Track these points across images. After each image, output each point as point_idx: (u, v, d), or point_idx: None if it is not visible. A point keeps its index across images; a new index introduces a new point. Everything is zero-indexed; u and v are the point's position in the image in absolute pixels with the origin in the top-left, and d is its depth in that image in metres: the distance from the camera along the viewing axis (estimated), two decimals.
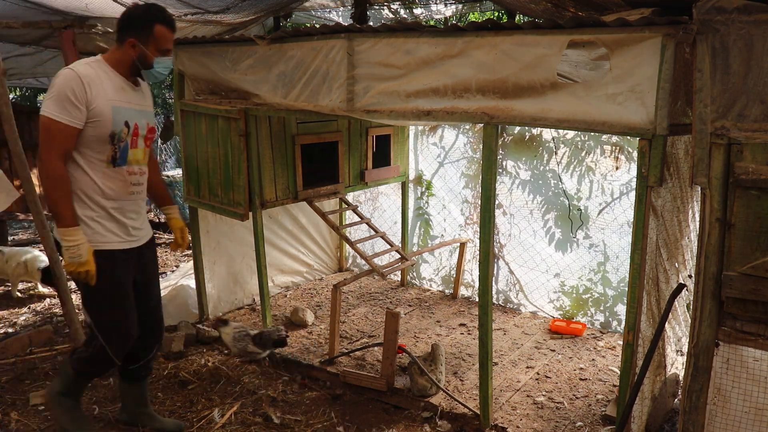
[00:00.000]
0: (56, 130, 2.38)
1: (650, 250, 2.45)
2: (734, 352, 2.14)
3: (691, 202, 3.01)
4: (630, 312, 2.44)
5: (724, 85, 2.01)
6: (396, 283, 5.33)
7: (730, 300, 2.10)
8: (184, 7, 4.71)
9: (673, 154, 2.61)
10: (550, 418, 3.13)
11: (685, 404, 2.23)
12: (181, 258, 6.36)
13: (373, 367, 3.65)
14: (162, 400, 3.38)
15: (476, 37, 2.61)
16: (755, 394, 2.12)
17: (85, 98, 2.41)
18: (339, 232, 4.03)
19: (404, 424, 3.15)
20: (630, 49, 2.22)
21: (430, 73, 2.79)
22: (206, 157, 3.87)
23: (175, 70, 4.10)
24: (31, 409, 3.26)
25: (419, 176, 5.14)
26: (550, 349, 3.97)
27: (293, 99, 3.36)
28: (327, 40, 3.13)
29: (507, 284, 4.75)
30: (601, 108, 2.33)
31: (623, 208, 4.11)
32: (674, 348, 3.24)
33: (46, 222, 3.51)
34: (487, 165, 2.74)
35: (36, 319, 4.64)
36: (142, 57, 2.58)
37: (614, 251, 4.20)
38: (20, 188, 4.34)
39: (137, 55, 2.57)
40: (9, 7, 4.49)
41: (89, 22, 5.15)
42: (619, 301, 4.24)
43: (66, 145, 2.43)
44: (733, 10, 1.95)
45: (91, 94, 2.43)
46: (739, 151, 2.01)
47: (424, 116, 2.85)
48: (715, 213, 2.07)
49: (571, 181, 4.29)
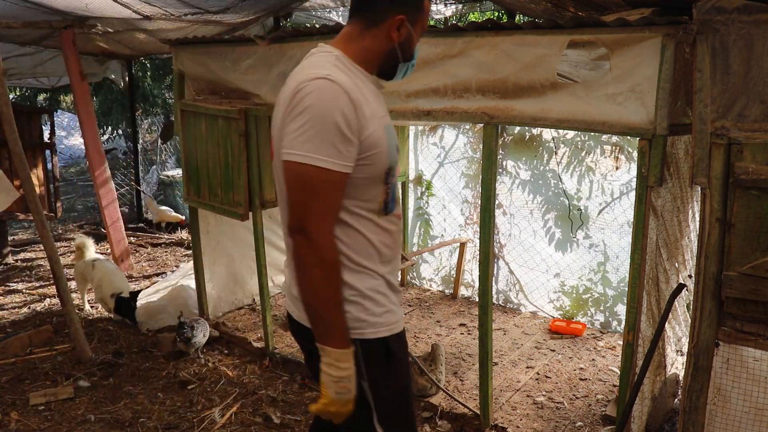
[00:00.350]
0: (325, 183, 1.46)
1: (650, 250, 2.45)
2: (734, 352, 2.13)
3: (691, 202, 3.01)
4: (630, 312, 2.44)
5: (724, 85, 2.01)
6: None
7: (730, 300, 2.10)
8: (184, 7, 4.71)
9: (673, 154, 2.61)
10: (550, 418, 3.13)
11: (685, 404, 2.23)
12: (181, 258, 6.36)
13: None
14: (162, 400, 3.38)
15: (476, 37, 2.61)
16: (755, 394, 2.12)
17: (357, 125, 1.49)
18: None
19: None
20: (630, 49, 2.22)
21: (430, 73, 2.79)
22: (206, 158, 3.87)
23: (175, 70, 4.10)
24: (31, 409, 3.26)
25: (419, 176, 5.14)
26: (550, 349, 3.97)
27: None
28: (327, 40, 3.13)
29: (507, 284, 4.75)
30: (601, 108, 2.33)
31: (623, 208, 4.11)
32: (674, 348, 3.24)
33: (46, 222, 3.51)
34: (487, 165, 2.74)
35: (36, 319, 4.64)
36: (407, 43, 1.68)
37: (614, 251, 4.20)
38: (20, 188, 4.35)
39: (402, 40, 1.65)
40: (9, 7, 4.48)
41: (89, 22, 5.15)
42: (619, 301, 4.24)
43: (339, 203, 1.53)
44: (733, 10, 1.95)
45: (363, 116, 1.51)
46: (739, 151, 2.01)
47: (424, 116, 2.85)
48: (715, 213, 2.07)
49: (571, 181, 4.29)
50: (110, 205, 5.76)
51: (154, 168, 9.30)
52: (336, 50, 1.62)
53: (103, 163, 5.68)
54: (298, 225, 1.47)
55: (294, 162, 1.45)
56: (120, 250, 5.83)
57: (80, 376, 3.62)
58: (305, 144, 1.43)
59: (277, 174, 1.62)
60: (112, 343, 4.13)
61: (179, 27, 5.38)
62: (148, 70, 9.24)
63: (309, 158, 1.43)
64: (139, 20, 5.09)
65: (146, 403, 3.34)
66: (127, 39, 5.87)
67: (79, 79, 5.39)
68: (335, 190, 1.48)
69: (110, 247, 5.84)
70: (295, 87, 1.49)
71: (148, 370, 3.73)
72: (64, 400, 3.35)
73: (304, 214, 1.46)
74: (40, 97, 10.81)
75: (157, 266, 6.08)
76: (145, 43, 6.07)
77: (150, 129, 9.73)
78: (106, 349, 4.02)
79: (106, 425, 3.11)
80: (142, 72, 9.00)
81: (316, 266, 1.46)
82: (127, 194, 8.65)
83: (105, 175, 5.70)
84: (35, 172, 6.07)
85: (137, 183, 8.00)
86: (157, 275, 5.71)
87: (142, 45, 6.17)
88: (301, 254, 1.47)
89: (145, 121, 9.43)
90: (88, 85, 5.63)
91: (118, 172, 8.98)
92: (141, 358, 3.91)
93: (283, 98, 1.55)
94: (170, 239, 7.01)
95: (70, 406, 3.31)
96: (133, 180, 8.19)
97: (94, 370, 3.70)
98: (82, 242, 4.91)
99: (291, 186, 1.48)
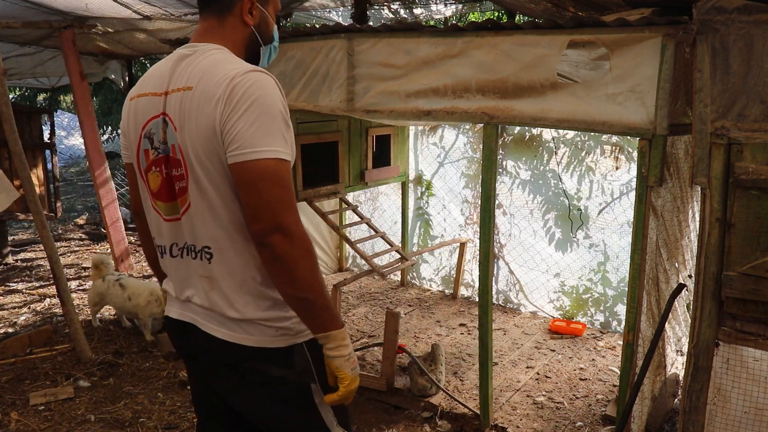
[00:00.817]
0: (288, 175, 1.43)
1: (650, 250, 2.45)
2: (734, 352, 2.13)
3: (691, 202, 3.01)
4: (630, 312, 2.43)
5: (724, 85, 2.01)
6: (396, 283, 5.33)
7: (730, 300, 2.10)
8: (184, 7, 4.71)
9: (673, 154, 2.61)
10: (550, 418, 3.13)
11: (685, 404, 2.23)
12: None
13: (373, 367, 3.65)
14: (162, 400, 3.38)
15: (476, 37, 2.61)
16: (755, 394, 2.12)
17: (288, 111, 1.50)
18: (339, 232, 4.03)
19: (404, 424, 3.15)
20: (630, 49, 2.22)
21: (430, 73, 2.79)
22: None
23: None
24: (31, 409, 3.26)
25: (419, 176, 5.14)
26: (550, 349, 3.97)
27: (293, 99, 3.36)
28: (327, 40, 3.13)
29: (507, 284, 4.75)
30: (601, 108, 2.33)
31: (623, 208, 4.11)
32: (674, 348, 3.24)
33: (46, 222, 3.51)
34: (487, 165, 2.74)
35: (36, 319, 4.65)
36: (264, 25, 1.64)
37: (614, 251, 4.20)
38: (20, 188, 4.35)
39: (258, 23, 1.61)
40: (9, 7, 4.48)
41: (89, 22, 5.15)
42: (619, 301, 4.24)
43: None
44: (733, 10, 1.95)
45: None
46: (739, 151, 2.01)
47: (424, 116, 2.85)
48: (715, 213, 2.07)
49: (571, 181, 4.29)
50: (110, 205, 5.76)
51: None
52: (222, 47, 1.53)
53: (103, 163, 5.68)
54: (272, 224, 1.37)
55: (256, 160, 1.36)
56: (120, 250, 5.83)
57: (80, 376, 3.62)
58: (263, 138, 1.37)
59: (200, 183, 1.44)
60: (112, 343, 4.13)
61: (179, 27, 5.38)
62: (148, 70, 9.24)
63: (270, 152, 1.37)
64: (139, 20, 5.10)
65: (146, 403, 3.34)
66: (127, 39, 5.88)
67: (79, 79, 5.40)
68: (291, 179, 1.43)
69: (110, 247, 5.84)
70: (227, 84, 1.38)
71: (148, 370, 3.73)
72: (64, 400, 3.35)
73: (279, 211, 1.37)
74: (40, 97, 10.81)
75: None
76: (145, 43, 6.07)
77: None
78: (106, 349, 4.02)
79: (106, 425, 3.11)
80: (142, 72, 9.00)
81: (303, 258, 1.39)
82: (127, 194, 8.66)
83: (105, 175, 5.70)
84: (35, 172, 6.07)
85: None
86: None
87: (142, 45, 6.17)
88: (284, 252, 1.37)
89: None
90: (88, 85, 5.63)
91: (118, 172, 8.99)
92: (141, 358, 3.91)
93: (206, 99, 1.40)
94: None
95: (70, 406, 3.31)
96: None
97: (94, 370, 3.71)
98: (100, 259, 4.37)
99: (257, 185, 1.37)
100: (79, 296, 4.88)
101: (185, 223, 1.51)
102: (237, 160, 1.37)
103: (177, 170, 1.48)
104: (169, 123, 1.47)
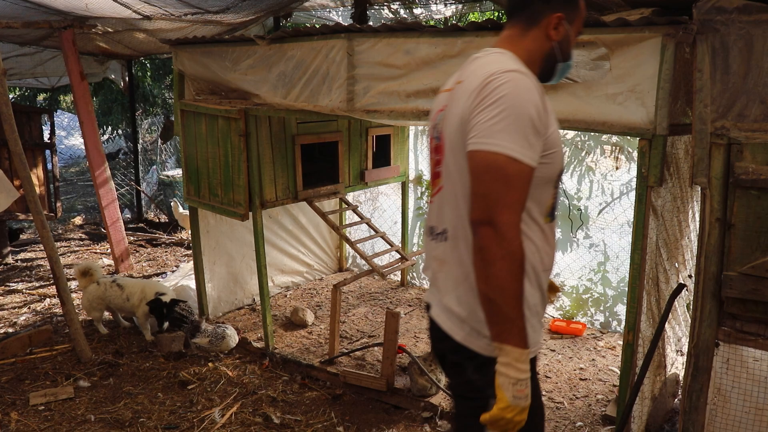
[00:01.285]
0: (517, 175, 1.40)
1: (650, 250, 2.45)
2: (734, 352, 2.14)
3: (691, 202, 3.01)
4: (630, 312, 2.43)
5: (724, 85, 2.01)
6: (396, 283, 5.33)
7: (730, 300, 2.10)
8: (184, 7, 4.71)
9: (673, 154, 2.61)
10: (550, 418, 3.13)
11: (685, 404, 2.23)
12: (181, 258, 6.36)
13: (373, 367, 3.65)
14: (162, 400, 3.38)
15: (476, 37, 2.61)
16: (755, 394, 2.12)
17: (545, 120, 1.47)
18: (339, 232, 4.03)
19: (404, 424, 3.15)
20: (630, 49, 2.23)
21: (430, 73, 2.79)
22: (206, 157, 3.87)
23: (175, 70, 4.10)
24: (31, 409, 3.26)
25: (419, 176, 5.14)
26: (550, 349, 3.97)
27: (293, 99, 3.36)
28: (327, 40, 3.13)
29: None
30: (601, 108, 2.33)
31: (623, 208, 4.11)
32: (674, 348, 3.24)
33: (46, 222, 3.51)
34: None
35: (36, 319, 4.65)
36: (566, 43, 1.64)
37: (614, 251, 4.20)
38: (20, 188, 4.35)
39: (561, 39, 1.61)
40: (9, 7, 4.48)
41: (89, 22, 5.15)
42: (619, 301, 4.24)
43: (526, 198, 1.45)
44: (733, 10, 1.95)
45: (547, 112, 1.50)
46: (739, 151, 2.01)
47: (424, 116, 2.85)
48: (715, 213, 2.07)
49: (571, 181, 4.29)
50: (110, 205, 5.76)
51: (154, 168, 9.31)
52: (507, 51, 1.58)
53: (103, 163, 5.68)
54: (484, 216, 1.38)
55: (486, 151, 1.39)
56: (120, 250, 5.83)
57: (80, 376, 3.62)
58: (500, 134, 1.38)
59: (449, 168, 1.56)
60: (112, 343, 4.13)
61: (179, 27, 5.39)
62: (148, 70, 9.24)
63: (503, 147, 1.38)
64: (139, 20, 5.10)
65: (146, 403, 3.34)
66: (127, 39, 5.88)
67: (79, 79, 5.40)
68: (525, 183, 1.41)
69: (110, 247, 5.84)
70: (484, 79, 1.44)
71: (148, 370, 3.73)
72: (64, 400, 3.35)
73: (493, 205, 1.38)
74: (40, 97, 10.81)
75: (157, 266, 6.08)
76: (145, 43, 6.08)
77: (150, 129, 9.74)
78: (106, 349, 4.02)
79: (106, 425, 3.11)
80: (142, 72, 9.01)
81: (503, 259, 1.37)
82: (127, 194, 8.66)
83: (105, 175, 5.70)
84: (35, 172, 6.08)
85: (137, 183, 8.00)
86: (157, 275, 5.71)
87: (142, 45, 6.18)
88: (487, 246, 1.38)
89: (145, 121, 9.44)
90: (88, 85, 5.63)
91: (118, 172, 8.99)
92: (141, 358, 3.91)
93: (466, 91, 1.49)
94: (170, 239, 7.01)
95: (70, 406, 3.31)
96: (132, 180, 8.19)
97: (94, 370, 3.71)
98: (88, 265, 4.21)
99: (480, 176, 1.40)
100: (79, 296, 4.87)
101: (436, 205, 1.67)
102: (470, 148, 1.44)
103: (438, 155, 1.64)
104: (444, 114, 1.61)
